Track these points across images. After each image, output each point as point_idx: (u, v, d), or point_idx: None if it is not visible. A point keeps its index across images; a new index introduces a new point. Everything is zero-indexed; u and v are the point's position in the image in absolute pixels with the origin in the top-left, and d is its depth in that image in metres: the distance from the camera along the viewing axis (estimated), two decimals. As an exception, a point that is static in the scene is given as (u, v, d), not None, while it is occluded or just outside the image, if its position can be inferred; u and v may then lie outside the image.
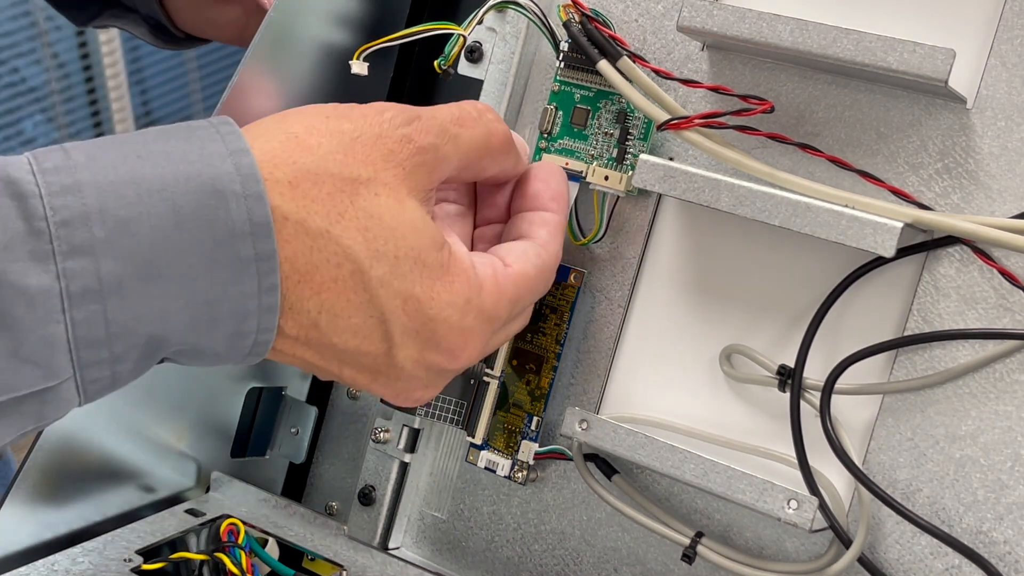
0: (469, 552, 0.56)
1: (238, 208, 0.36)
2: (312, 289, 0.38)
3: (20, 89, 2.00)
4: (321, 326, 0.39)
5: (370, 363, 0.41)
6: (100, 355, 0.35)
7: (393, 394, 0.43)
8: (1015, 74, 0.45)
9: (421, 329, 0.41)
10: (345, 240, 0.39)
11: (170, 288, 0.36)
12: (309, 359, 0.41)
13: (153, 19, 0.80)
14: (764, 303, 0.50)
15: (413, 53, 0.62)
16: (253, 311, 0.37)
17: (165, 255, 0.36)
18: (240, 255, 0.37)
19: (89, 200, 0.35)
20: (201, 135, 0.38)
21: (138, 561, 0.51)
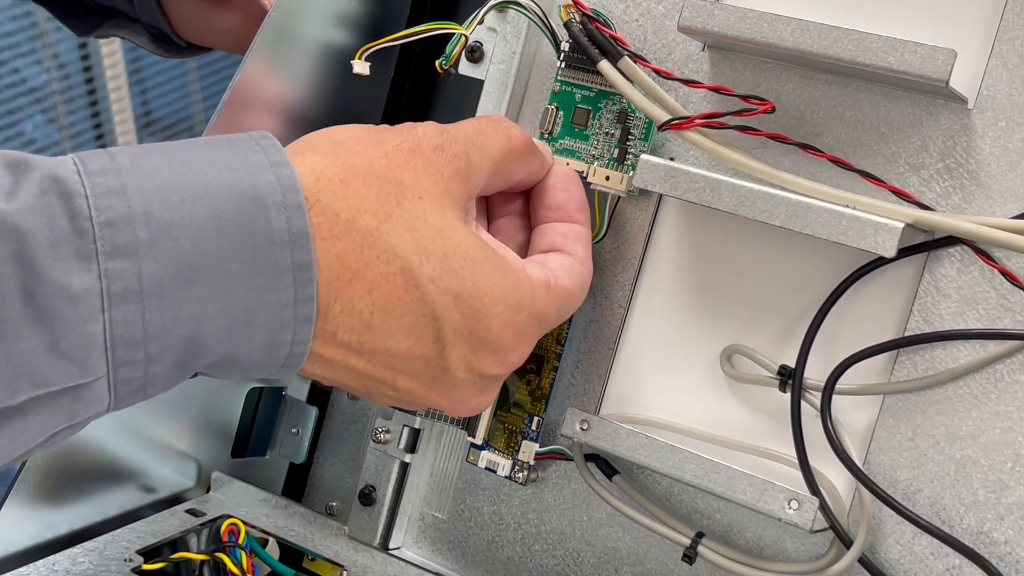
0: (469, 552, 0.56)
1: (278, 217, 0.37)
2: (364, 288, 0.39)
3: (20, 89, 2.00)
4: (374, 327, 0.39)
5: (423, 368, 0.41)
6: (135, 355, 0.36)
7: (449, 404, 0.44)
8: (1016, 74, 0.45)
9: (474, 327, 0.41)
10: (394, 239, 0.39)
11: (208, 292, 0.36)
12: (361, 368, 0.41)
13: (155, 28, 0.80)
14: (765, 303, 0.50)
15: (413, 54, 0.62)
16: (289, 321, 0.38)
17: (206, 259, 0.36)
18: (278, 264, 0.37)
19: (134, 202, 0.35)
20: (242, 146, 0.38)
21: (138, 561, 0.51)
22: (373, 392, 0.43)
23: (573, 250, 0.47)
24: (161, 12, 0.78)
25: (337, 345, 0.40)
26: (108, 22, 0.83)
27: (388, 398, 0.43)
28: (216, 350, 0.37)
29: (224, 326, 0.37)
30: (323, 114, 0.58)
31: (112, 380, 0.36)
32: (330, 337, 0.39)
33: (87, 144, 2.13)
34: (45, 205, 0.35)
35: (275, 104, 0.56)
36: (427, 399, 0.43)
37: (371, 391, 0.42)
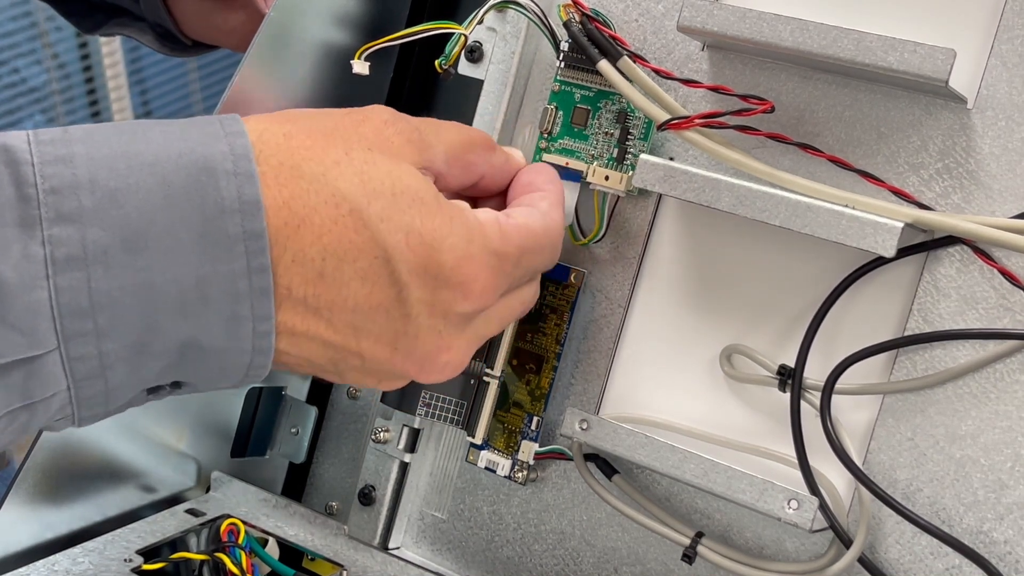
0: (469, 552, 0.56)
1: (228, 186, 0.36)
2: (313, 233, 0.38)
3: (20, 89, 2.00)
4: (327, 275, 0.38)
5: (384, 322, 0.40)
6: (84, 326, 0.35)
7: (417, 366, 0.42)
8: (1016, 74, 0.45)
9: (427, 263, 0.40)
10: (341, 183, 0.39)
11: (157, 261, 0.35)
12: (324, 335, 0.40)
13: (160, 26, 0.80)
14: (764, 303, 0.50)
15: (413, 53, 0.62)
16: (245, 293, 0.37)
17: (153, 227, 0.35)
18: (228, 232, 0.36)
19: (80, 171, 0.35)
20: (201, 121, 0.38)
21: (138, 561, 0.51)
22: (341, 366, 0.41)
23: (536, 204, 0.46)
24: (166, 10, 0.78)
25: (294, 304, 0.38)
26: (113, 20, 0.83)
27: (356, 371, 0.42)
28: (172, 328, 0.36)
29: (175, 297, 0.36)
30: (323, 114, 0.58)
31: (64, 355, 0.35)
32: (286, 294, 0.38)
33: (87, 144, 2.13)
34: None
35: (274, 104, 0.56)
36: (394, 364, 0.41)
37: (339, 365, 0.41)
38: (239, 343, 0.38)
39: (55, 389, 0.36)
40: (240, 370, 0.39)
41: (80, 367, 0.36)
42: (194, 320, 0.37)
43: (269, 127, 0.39)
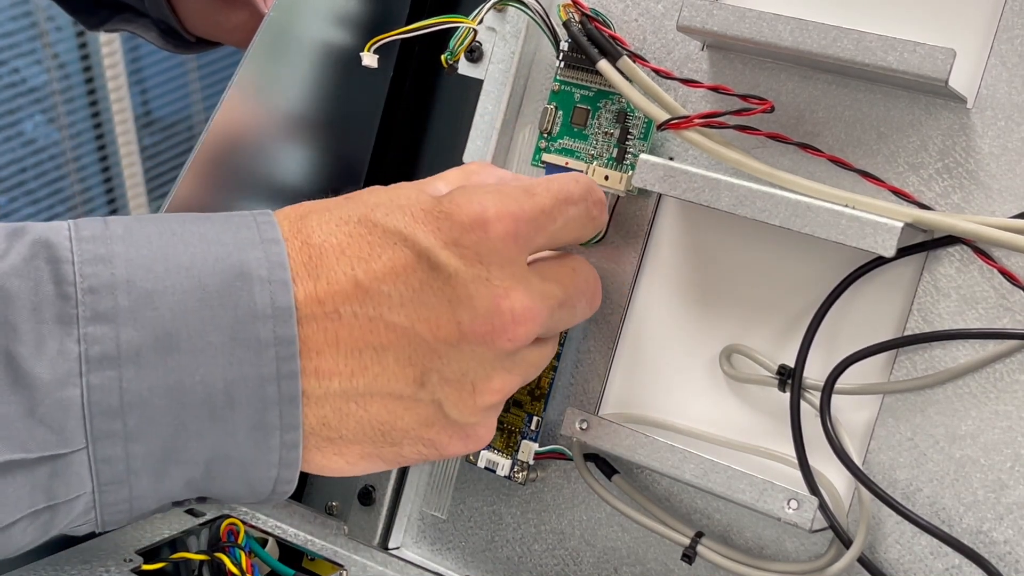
0: (469, 552, 0.56)
1: (262, 292, 0.37)
2: (334, 253, 0.39)
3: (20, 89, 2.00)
4: (360, 279, 0.38)
5: (432, 298, 0.39)
6: (113, 426, 0.35)
7: (488, 324, 0.40)
8: (1015, 74, 0.45)
9: (439, 220, 0.40)
10: (344, 210, 0.40)
11: (188, 362, 0.36)
12: (386, 343, 0.39)
13: (163, 23, 0.80)
14: (764, 303, 0.50)
15: (413, 54, 0.62)
16: (273, 399, 0.37)
17: (186, 329, 0.36)
18: (260, 337, 0.37)
19: (118, 271, 0.36)
20: (237, 222, 0.39)
21: (138, 561, 0.51)
22: (423, 375, 0.39)
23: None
24: (170, 7, 0.79)
25: (347, 323, 0.38)
26: (118, 16, 0.83)
27: (440, 383, 0.40)
28: (199, 432, 0.36)
29: (203, 399, 0.36)
30: (322, 114, 0.58)
31: (92, 456, 0.35)
32: (334, 317, 0.38)
33: (87, 144, 2.14)
34: (33, 269, 0.35)
35: (275, 104, 0.56)
36: (468, 338, 0.39)
37: (421, 376, 0.39)
38: (266, 455, 0.38)
39: (79, 491, 0.36)
40: (266, 484, 0.39)
41: (106, 470, 0.36)
42: (221, 425, 0.37)
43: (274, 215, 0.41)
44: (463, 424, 0.42)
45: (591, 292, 0.47)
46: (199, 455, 0.37)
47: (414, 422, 0.41)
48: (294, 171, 0.59)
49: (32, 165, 2.04)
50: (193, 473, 0.38)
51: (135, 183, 2.25)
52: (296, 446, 0.38)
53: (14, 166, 2.00)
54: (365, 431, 0.40)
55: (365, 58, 0.51)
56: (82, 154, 2.13)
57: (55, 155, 2.08)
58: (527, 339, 0.41)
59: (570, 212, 0.44)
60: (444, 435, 0.42)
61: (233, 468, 0.38)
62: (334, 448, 0.40)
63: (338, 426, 0.39)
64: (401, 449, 0.41)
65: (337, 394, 0.39)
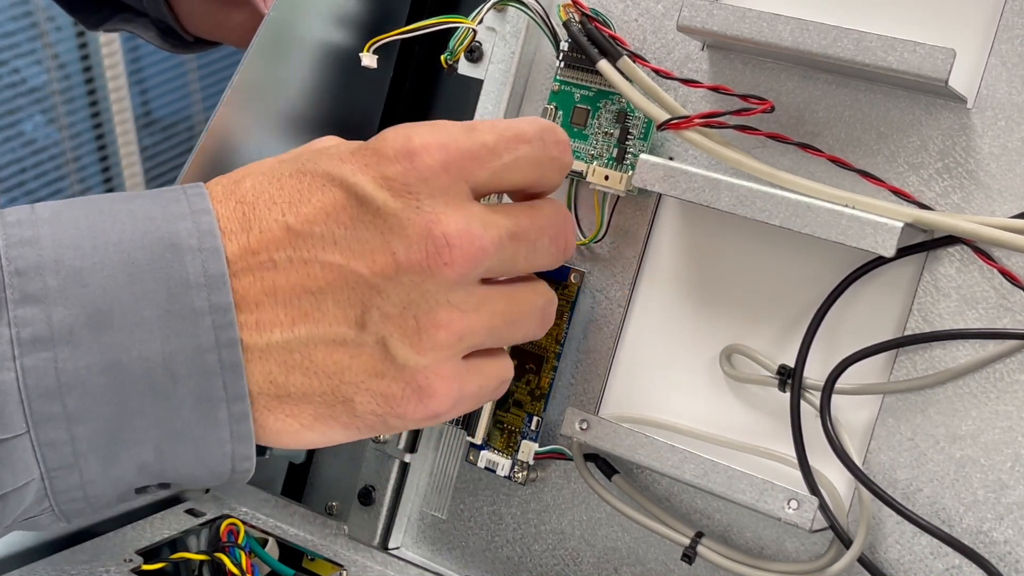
0: (469, 552, 0.56)
1: (193, 261, 0.36)
2: (266, 204, 0.39)
3: (20, 89, 2.00)
4: (291, 223, 0.38)
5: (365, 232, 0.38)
6: (53, 408, 0.35)
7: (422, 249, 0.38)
8: (1015, 74, 0.45)
9: (365, 154, 0.39)
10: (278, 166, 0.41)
11: (123, 338, 0.35)
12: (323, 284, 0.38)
13: (162, 23, 0.80)
14: (764, 303, 0.50)
15: (413, 53, 0.62)
16: (215, 368, 0.36)
17: (118, 304, 0.35)
18: (194, 306, 0.36)
19: (45, 252, 0.35)
20: (167, 196, 0.38)
21: (138, 561, 0.51)
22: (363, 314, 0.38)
23: None
24: (168, 7, 0.79)
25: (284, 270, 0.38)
26: (117, 16, 0.83)
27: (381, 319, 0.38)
28: (143, 410, 0.36)
29: (143, 375, 0.35)
30: (323, 113, 0.58)
31: (35, 441, 0.34)
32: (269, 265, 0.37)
33: (87, 144, 2.14)
34: None
35: (275, 104, 0.56)
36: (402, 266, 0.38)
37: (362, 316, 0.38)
38: (216, 429, 0.37)
39: (26, 478, 0.35)
40: (223, 462, 0.38)
41: (52, 455, 0.35)
42: (165, 401, 0.36)
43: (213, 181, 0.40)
44: (413, 369, 0.39)
45: (556, 229, 0.43)
46: (147, 434, 0.36)
47: (362, 370, 0.39)
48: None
49: (32, 165, 2.04)
50: (144, 455, 0.37)
51: (135, 183, 2.25)
52: (245, 417, 0.37)
53: (14, 166, 2.00)
54: (313, 385, 0.39)
55: (365, 58, 0.51)
56: (82, 154, 2.13)
57: (55, 155, 2.08)
58: (469, 265, 0.39)
59: (520, 150, 0.41)
60: (396, 386, 0.39)
61: (184, 447, 0.37)
62: (285, 408, 0.39)
63: (285, 382, 0.38)
64: (354, 407, 0.39)
65: (279, 345, 0.38)
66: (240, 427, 0.37)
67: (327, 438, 0.40)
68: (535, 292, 0.44)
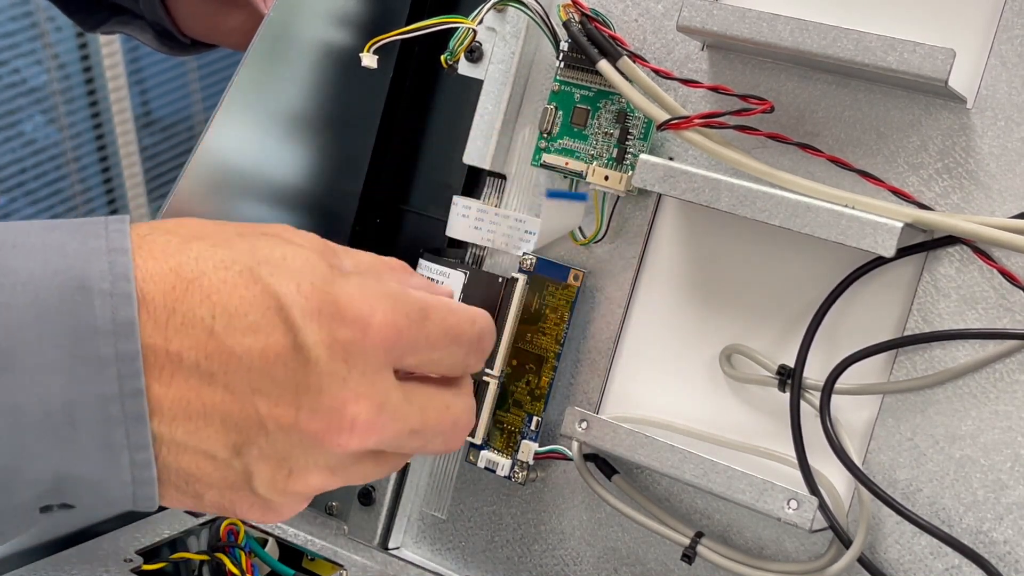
0: (469, 552, 0.56)
1: (103, 306, 0.35)
2: (202, 293, 0.36)
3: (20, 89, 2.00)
4: (217, 331, 0.36)
5: (283, 375, 0.37)
6: None
7: (324, 421, 0.37)
8: (1015, 74, 0.45)
9: (322, 304, 0.38)
10: (232, 251, 0.38)
11: (23, 380, 0.34)
12: (220, 404, 0.37)
13: (159, 26, 0.80)
14: (764, 303, 0.50)
15: (413, 54, 0.62)
16: (118, 418, 0.35)
17: (21, 346, 0.34)
18: (100, 353, 0.35)
19: None
20: (87, 230, 0.37)
21: (138, 561, 0.51)
22: (244, 454, 0.37)
23: None
24: (165, 10, 0.78)
25: (188, 374, 0.36)
26: (114, 18, 0.83)
27: (260, 458, 0.38)
28: (41, 454, 0.35)
29: (41, 420, 0.34)
30: (323, 114, 0.58)
31: None
32: (176, 360, 0.36)
33: (87, 144, 2.14)
34: None
35: (275, 104, 0.56)
36: (300, 427, 0.37)
37: (241, 451, 0.37)
38: (117, 474, 0.36)
39: None
40: (125, 501, 0.37)
41: None
42: (64, 447, 0.35)
43: (157, 227, 0.38)
44: (268, 500, 0.39)
45: (452, 434, 0.43)
46: (45, 475, 0.35)
47: (219, 482, 0.38)
48: (294, 171, 0.59)
49: (32, 165, 2.04)
50: (42, 491, 0.36)
51: (135, 183, 2.25)
52: (148, 465, 0.36)
53: (14, 166, 2.00)
54: (171, 475, 0.38)
55: (365, 58, 0.51)
56: (82, 154, 2.13)
57: (55, 155, 2.08)
58: (358, 449, 0.39)
59: (452, 349, 0.42)
60: (245, 503, 0.39)
61: (84, 487, 0.36)
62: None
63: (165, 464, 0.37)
64: (201, 501, 0.39)
65: (158, 435, 0.37)
66: (142, 474, 0.37)
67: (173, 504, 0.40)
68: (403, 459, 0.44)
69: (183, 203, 0.52)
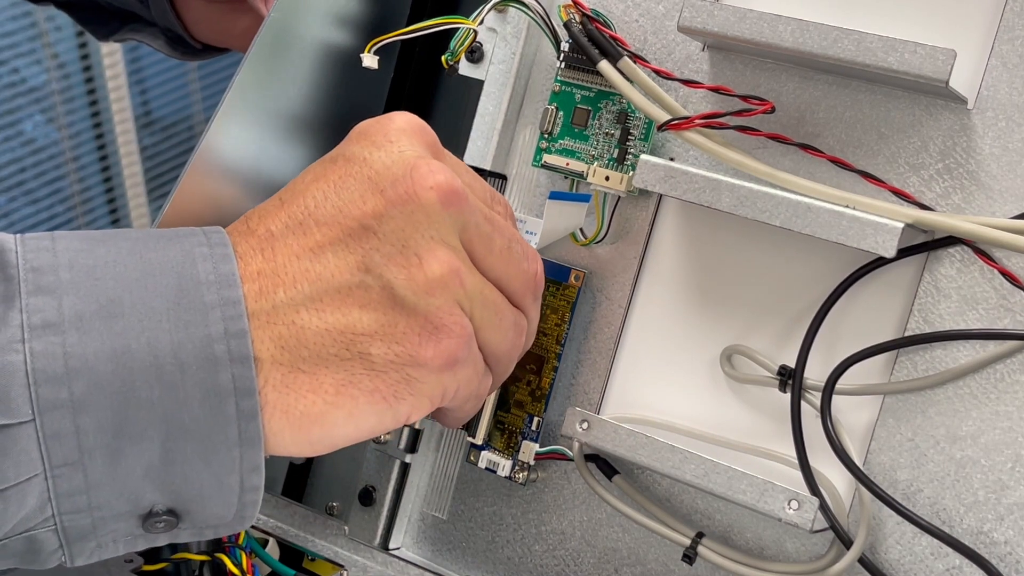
0: (469, 552, 0.56)
1: (204, 264, 0.38)
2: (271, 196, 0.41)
3: (20, 89, 2.00)
4: (285, 198, 0.41)
5: (354, 181, 0.40)
6: (59, 394, 0.34)
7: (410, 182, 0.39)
8: (1016, 74, 0.45)
9: (350, 134, 0.43)
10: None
11: (132, 325, 0.36)
12: (321, 241, 0.39)
13: (171, 31, 0.80)
14: (765, 303, 0.50)
15: (414, 54, 0.62)
16: (223, 358, 0.36)
17: (129, 295, 0.36)
18: (204, 300, 0.37)
19: (61, 255, 0.37)
20: (183, 232, 0.40)
21: (139, 561, 0.51)
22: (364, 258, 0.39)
23: None
24: (176, 15, 0.79)
25: (280, 238, 0.40)
26: (127, 26, 0.84)
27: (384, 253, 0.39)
28: (150, 400, 0.35)
29: (150, 363, 0.35)
30: (323, 114, 0.58)
31: (40, 430, 0.34)
32: (267, 236, 0.39)
33: (87, 144, 2.14)
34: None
35: (275, 104, 0.56)
36: (392, 201, 0.39)
37: (363, 260, 0.39)
38: (223, 426, 0.37)
39: (30, 472, 0.35)
40: (232, 468, 0.37)
41: (57, 448, 0.35)
42: (172, 392, 0.36)
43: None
44: (424, 310, 0.39)
45: (524, 251, 0.44)
46: (153, 429, 0.36)
47: (373, 319, 0.39)
48: (295, 172, 0.59)
49: (32, 165, 2.04)
50: (150, 453, 0.36)
51: (135, 183, 2.25)
52: (255, 416, 0.37)
53: (14, 166, 2.00)
54: (326, 344, 0.38)
55: (365, 59, 0.51)
56: (82, 154, 2.13)
57: (55, 155, 2.08)
58: (452, 199, 0.40)
59: (513, 248, 0.44)
60: (411, 332, 0.39)
61: (192, 446, 0.36)
62: (303, 381, 0.38)
63: (297, 345, 0.38)
64: (372, 360, 0.39)
65: (286, 305, 0.38)
66: (249, 427, 0.37)
67: (355, 417, 0.39)
68: (513, 312, 0.45)
69: (183, 203, 0.52)
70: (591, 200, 0.52)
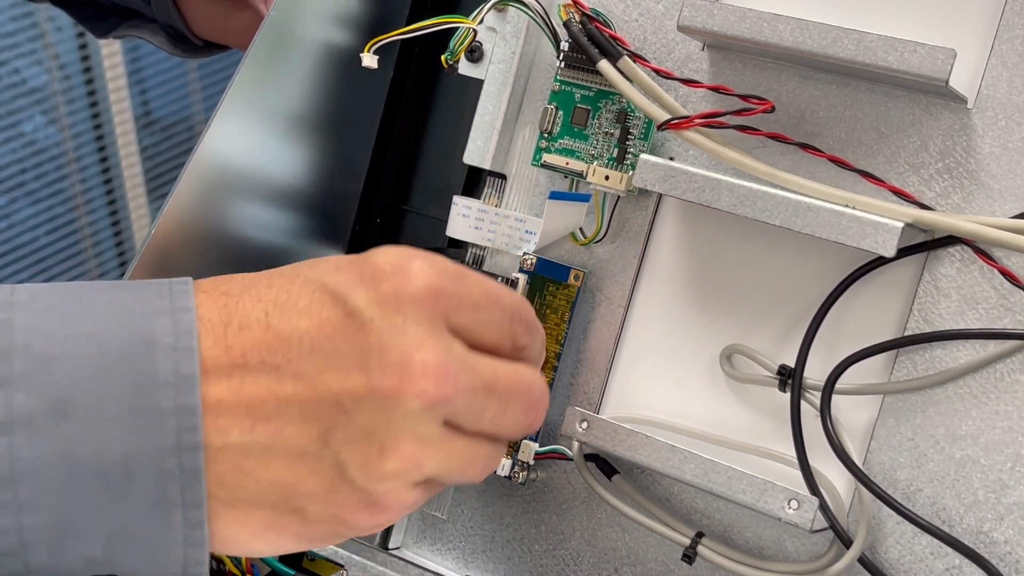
0: (469, 552, 0.56)
1: (165, 360, 0.35)
2: (253, 298, 0.37)
3: (20, 89, 2.00)
4: (273, 324, 0.37)
5: (343, 344, 0.37)
6: (4, 496, 0.34)
7: (397, 376, 0.37)
8: (1016, 74, 0.45)
9: (362, 270, 0.38)
10: (273, 271, 0.39)
11: (82, 430, 0.34)
12: (291, 392, 0.37)
13: (171, 28, 0.80)
14: (764, 303, 0.50)
15: (413, 54, 0.61)
16: (174, 472, 0.35)
17: (82, 396, 0.34)
18: (160, 405, 0.35)
19: (17, 337, 0.35)
20: (151, 290, 0.37)
21: (138, 561, 0.51)
22: (327, 432, 0.37)
23: None
24: (177, 12, 0.79)
25: (253, 373, 0.36)
26: (126, 23, 0.83)
27: (345, 440, 0.37)
28: (96, 506, 0.35)
29: (98, 471, 0.34)
30: (323, 114, 0.58)
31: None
32: (241, 364, 0.36)
33: (87, 144, 2.14)
34: None
35: (275, 104, 0.56)
36: (375, 389, 0.37)
37: (325, 433, 0.37)
38: (168, 533, 0.36)
39: None
40: (175, 565, 0.37)
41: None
42: (119, 499, 0.35)
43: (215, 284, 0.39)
44: (370, 491, 0.38)
45: (529, 400, 0.41)
46: (97, 531, 0.35)
47: (318, 485, 0.38)
48: (294, 171, 0.59)
49: (32, 165, 2.04)
50: (93, 550, 0.36)
51: (135, 183, 2.25)
52: (201, 524, 0.36)
53: (14, 166, 2.00)
54: (266, 493, 0.38)
55: (365, 59, 0.51)
56: (82, 154, 2.14)
57: (55, 155, 2.08)
58: (439, 400, 0.38)
59: (496, 313, 0.41)
60: (350, 504, 0.38)
61: (135, 546, 0.36)
62: (234, 515, 0.37)
63: (236, 486, 0.37)
64: (305, 518, 0.38)
65: (236, 447, 0.37)
66: (194, 533, 0.36)
67: (275, 549, 0.39)
68: (493, 448, 0.43)
69: (183, 203, 0.52)
70: (591, 200, 0.52)
